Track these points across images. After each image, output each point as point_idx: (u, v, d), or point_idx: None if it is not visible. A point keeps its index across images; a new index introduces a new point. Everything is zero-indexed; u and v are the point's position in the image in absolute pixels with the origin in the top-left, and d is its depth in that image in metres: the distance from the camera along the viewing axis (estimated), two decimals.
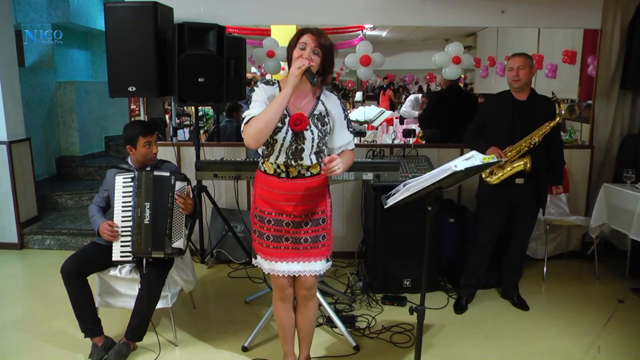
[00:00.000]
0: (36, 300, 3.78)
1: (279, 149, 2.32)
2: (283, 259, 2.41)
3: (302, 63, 2.22)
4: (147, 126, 3.02)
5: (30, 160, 5.09)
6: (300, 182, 2.38)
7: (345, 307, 3.55)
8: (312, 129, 2.33)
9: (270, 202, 2.40)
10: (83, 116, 6.49)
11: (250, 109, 2.31)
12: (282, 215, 2.39)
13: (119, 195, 2.91)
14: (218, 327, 3.33)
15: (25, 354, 3.04)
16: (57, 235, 4.89)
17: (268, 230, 2.41)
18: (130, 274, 2.97)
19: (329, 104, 2.42)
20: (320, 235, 2.45)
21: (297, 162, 2.35)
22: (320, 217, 2.45)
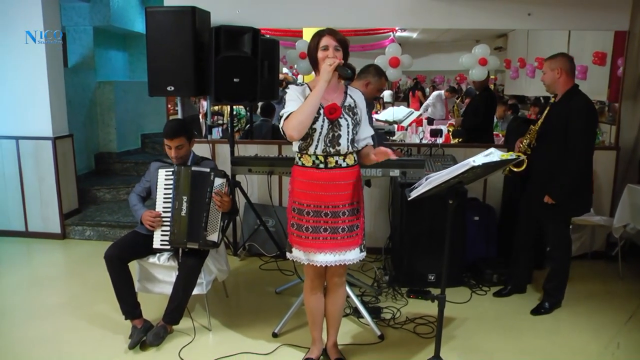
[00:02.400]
0: (79, 286, 4.05)
1: (317, 137, 2.51)
2: (320, 249, 2.58)
3: (332, 61, 2.44)
4: (171, 129, 3.15)
5: (73, 156, 5.39)
6: (337, 172, 2.56)
7: (372, 299, 3.70)
8: (345, 117, 2.54)
9: (309, 194, 2.57)
10: (121, 114, 6.81)
11: (287, 107, 2.51)
12: (321, 207, 2.57)
13: (161, 187, 3.13)
14: (249, 314, 3.53)
15: (72, 333, 3.31)
16: (96, 227, 5.18)
17: (307, 222, 2.59)
18: (168, 261, 3.19)
19: (356, 97, 2.64)
20: (355, 225, 2.62)
21: (335, 149, 2.53)
22: (356, 207, 2.62)
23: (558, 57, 3.41)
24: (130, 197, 3.34)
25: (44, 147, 5.06)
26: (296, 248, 2.65)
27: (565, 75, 3.37)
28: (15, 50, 4.94)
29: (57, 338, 3.26)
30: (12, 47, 4.95)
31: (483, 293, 3.89)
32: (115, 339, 3.19)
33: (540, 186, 3.43)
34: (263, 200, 4.68)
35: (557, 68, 3.38)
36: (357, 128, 2.60)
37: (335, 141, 2.53)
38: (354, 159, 2.62)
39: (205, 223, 3.04)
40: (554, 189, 3.34)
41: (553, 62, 3.40)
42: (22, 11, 4.87)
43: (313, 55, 2.55)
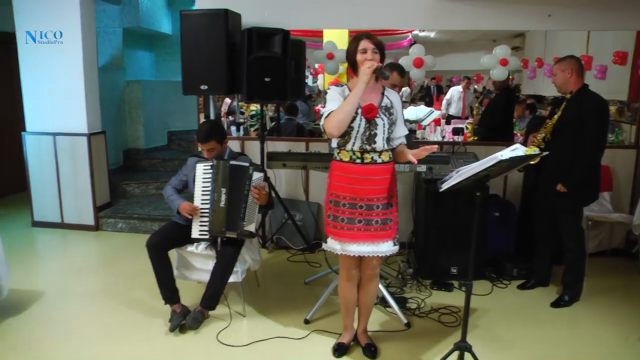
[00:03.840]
0: (115, 274, 4.25)
1: (354, 135, 2.66)
2: (355, 240, 2.72)
3: (371, 63, 2.58)
4: (202, 133, 3.32)
5: (105, 151, 5.59)
6: (373, 167, 2.70)
7: (397, 290, 3.84)
8: (381, 117, 2.67)
9: (346, 187, 2.71)
10: (148, 112, 7.02)
11: (327, 106, 2.67)
12: (356, 199, 2.70)
13: (199, 180, 3.29)
14: (280, 302, 3.68)
15: (113, 316, 3.50)
16: (128, 220, 5.37)
17: (342, 213, 2.73)
18: (205, 250, 3.36)
19: (392, 98, 2.78)
20: (389, 219, 2.76)
21: (371, 146, 2.67)
22: (389, 201, 2.76)
23: (567, 59, 3.58)
24: (166, 189, 3.50)
25: (79, 143, 5.27)
26: (332, 238, 2.78)
27: (575, 75, 3.53)
28: (53, 51, 5.15)
29: (100, 320, 3.46)
30: (50, 48, 5.15)
31: (504, 286, 3.99)
32: (155, 323, 3.37)
33: (553, 177, 3.56)
34: (291, 195, 4.85)
35: (567, 69, 3.54)
36: (392, 127, 2.73)
37: (371, 139, 2.67)
38: (389, 156, 2.76)
39: (243, 214, 3.20)
40: (568, 179, 3.50)
41: (563, 64, 3.56)
42: (61, 13, 5.07)
43: (352, 58, 2.68)
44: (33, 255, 4.82)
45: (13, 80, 6.34)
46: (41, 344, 3.15)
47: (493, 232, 4.28)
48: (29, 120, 5.40)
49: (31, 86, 5.31)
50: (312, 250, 4.70)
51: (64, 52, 5.13)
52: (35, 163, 5.40)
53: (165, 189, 3.50)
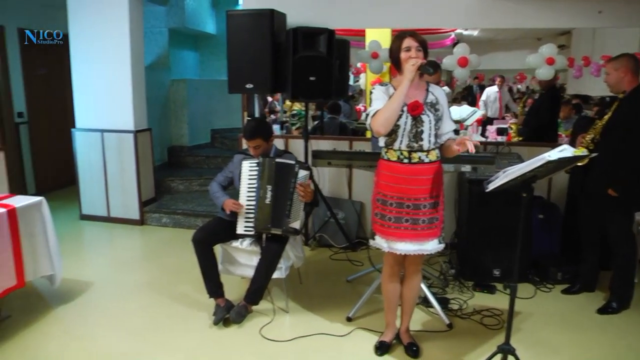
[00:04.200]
0: (160, 267, 4.37)
1: (401, 133, 2.67)
2: (402, 239, 2.74)
3: (415, 61, 2.59)
4: (249, 131, 3.39)
5: (151, 148, 5.76)
6: (420, 167, 2.70)
7: (439, 291, 3.82)
8: (427, 113, 2.68)
9: (393, 186, 2.73)
10: (192, 110, 7.17)
11: (373, 105, 2.69)
12: (403, 199, 2.72)
13: (245, 177, 3.36)
14: (323, 299, 3.72)
15: (158, 308, 3.61)
16: (172, 215, 5.51)
17: (390, 212, 2.75)
18: (250, 246, 3.42)
19: (437, 94, 2.77)
20: (435, 218, 2.76)
21: (418, 144, 2.68)
22: (436, 200, 2.76)
23: (622, 58, 3.46)
24: (212, 185, 3.58)
25: (125, 140, 5.44)
26: (379, 236, 2.81)
27: (630, 74, 3.41)
28: (103, 51, 5.33)
29: (145, 311, 3.57)
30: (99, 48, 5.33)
31: (547, 290, 3.92)
32: (199, 316, 3.45)
33: (602, 180, 3.47)
34: (334, 193, 4.89)
35: (621, 68, 3.43)
36: (439, 124, 2.73)
37: (418, 136, 2.67)
38: (436, 155, 2.76)
39: (288, 211, 3.25)
40: (618, 182, 3.40)
41: (617, 63, 3.45)
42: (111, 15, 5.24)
43: (396, 56, 2.70)
44: (81, 247, 5.02)
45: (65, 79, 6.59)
46: (91, 330, 3.29)
47: (537, 235, 4.21)
48: (78, 117, 5.60)
49: (81, 84, 5.51)
50: (354, 249, 4.72)
51: (112, 52, 5.31)
52: (84, 159, 5.60)
53: (211, 186, 3.58)
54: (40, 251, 3.45)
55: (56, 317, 3.46)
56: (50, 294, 3.75)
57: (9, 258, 3.20)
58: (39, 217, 3.45)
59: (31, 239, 3.38)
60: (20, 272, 3.28)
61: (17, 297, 3.59)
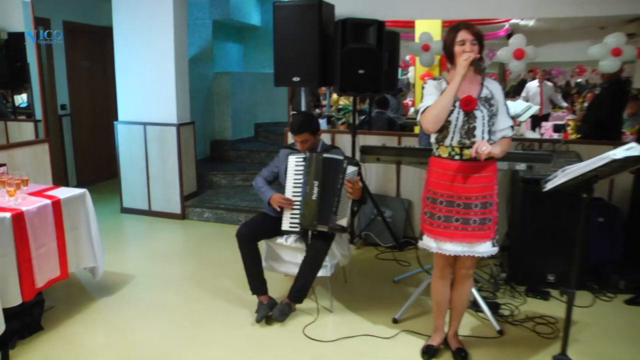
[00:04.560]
0: (201, 262, 4.48)
1: (452, 129, 2.66)
2: (451, 239, 2.74)
3: (468, 55, 2.57)
4: (296, 125, 3.43)
5: (193, 142, 5.89)
6: (472, 164, 2.69)
7: (489, 295, 3.78)
8: (481, 109, 2.66)
9: (443, 184, 2.73)
10: (236, 104, 7.30)
11: (424, 101, 2.69)
12: (454, 197, 2.71)
13: (291, 172, 3.41)
14: (368, 300, 3.74)
15: (200, 304, 3.71)
16: (214, 210, 5.64)
17: (439, 210, 2.75)
18: (295, 243, 3.48)
19: (493, 88, 2.74)
20: (487, 218, 2.74)
21: (471, 140, 2.66)
22: (489, 200, 2.74)
23: None
24: (257, 180, 3.64)
25: (168, 133, 5.59)
26: (427, 235, 2.81)
27: None
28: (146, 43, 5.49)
29: (187, 306, 3.67)
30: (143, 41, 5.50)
31: (607, 299, 3.81)
32: (241, 313, 3.53)
33: None
34: (381, 190, 4.90)
35: None
36: (493, 119, 2.70)
37: (470, 133, 2.66)
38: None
39: (335, 208, 3.28)
40: None
41: None
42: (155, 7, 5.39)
43: (450, 49, 2.68)
44: (122, 240, 5.20)
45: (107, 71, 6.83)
46: (132, 323, 3.42)
47: (596, 239, 4.09)
48: (121, 109, 5.79)
49: (124, 77, 5.69)
50: (401, 249, 4.72)
51: (156, 44, 5.46)
52: (126, 151, 5.78)
53: (256, 180, 3.64)
54: (83, 243, 3.58)
55: (98, 309, 3.61)
56: (93, 286, 3.92)
57: (54, 249, 3.32)
58: (82, 209, 3.57)
59: (74, 231, 3.51)
60: (64, 263, 3.41)
61: (60, 288, 3.77)
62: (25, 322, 3.20)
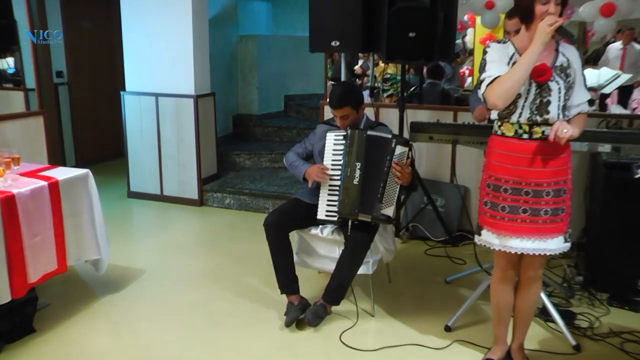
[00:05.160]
0: (222, 256, 4.55)
1: (522, 104, 2.61)
2: (518, 234, 2.70)
3: (553, 20, 2.48)
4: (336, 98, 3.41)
5: (214, 116, 5.97)
6: (544, 145, 2.63)
7: (562, 302, 3.73)
8: (556, 79, 2.60)
9: (509, 168, 2.69)
10: (263, 72, 7.32)
11: (488, 70, 2.62)
12: (522, 183, 2.67)
13: (329, 152, 3.42)
14: (416, 303, 3.75)
15: (219, 303, 3.76)
16: (237, 195, 5.71)
17: (504, 200, 2.71)
18: (332, 234, 3.49)
19: (569, 55, 2.67)
20: (560, 208, 2.69)
21: (543, 117, 2.61)
22: (562, 187, 2.69)
23: None
24: (288, 155, 3.67)
25: (184, 106, 5.65)
26: (488, 230, 2.77)
27: None
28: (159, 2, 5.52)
29: (204, 306, 3.72)
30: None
31: None
32: (268, 314, 3.57)
33: None
34: (432, 175, 4.88)
35: None
36: (569, 92, 2.65)
37: (543, 108, 2.61)
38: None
39: (381, 194, 3.26)
40: None
41: None
42: None
43: (529, 7, 2.59)
44: (130, 230, 5.32)
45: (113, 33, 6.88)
46: (141, 325, 3.47)
47: None
48: (129, 78, 5.87)
49: (133, 40, 5.75)
50: (455, 244, 4.71)
51: (171, 4, 5.49)
52: (135, 127, 5.87)
53: (287, 156, 3.66)
54: (85, 232, 3.61)
55: (102, 308, 3.67)
56: (95, 282, 3.99)
57: (50, 238, 3.34)
58: (84, 193, 3.59)
59: (75, 218, 3.54)
60: (62, 255, 3.44)
61: (57, 284, 3.85)
62: (14, 322, 3.21)
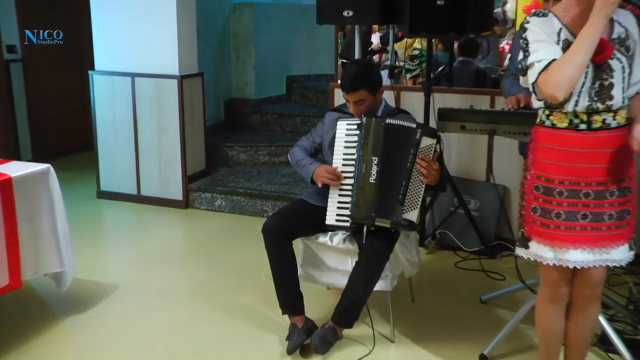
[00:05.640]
0: (210, 269, 4.54)
1: (579, 90, 2.56)
2: (577, 244, 2.64)
3: None
4: (349, 79, 3.37)
5: (202, 101, 5.96)
6: (605, 136, 2.59)
7: (627, 328, 3.67)
8: (617, 57, 2.55)
9: (563, 166, 2.63)
10: (261, 49, 7.31)
11: (534, 53, 2.57)
12: (579, 184, 2.62)
13: (340, 144, 3.39)
14: (444, 327, 3.73)
15: (208, 325, 3.74)
16: (230, 195, 5.70)
17: (558, 205, 2.66)
18: (344, 243, 3.46)
19: (627, 23, 2.62)
20: (626, 211, 2.66)
21: (605, 104, 2.58)
22: (627, 184, 2.65)
23: None
24: (293, 151, 3.66)
25: (166, 88, 5.65)
26: (538, 242, 2.72)
27: None
28: None
29: (190, 329, 3.71)
30: None
31: None
32: (267, 339, 3.55)
33: None
34: (464, 173, 4.87)
35: None
36: (631, 68, 2.60)
37: (605, 93, 2.56)
38: (624, 117, 2.62)
39: (402, 195, 3.23)
40: None
41: None
42: None
43: None
44: (100, 237, 5.33)
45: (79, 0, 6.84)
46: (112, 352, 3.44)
47: None
48: (99, 55, 5.86)
49: (104, 9, 5.74)
50: (491, 255, 4.69)
51: None
52: (106, 114, 5.86)
53: (292, 152, 3.65)
54: (45, 240, 3.57)
55: (64, 332, 3.63)
56: (57, 300, 3.98)
57: (0, 248, 3.30)
58: (43, 193, 3.56)
59: (32, 223, 3.50)
60: (16, 267, 3.39)
61: (9, 302, 3.84)
62: None
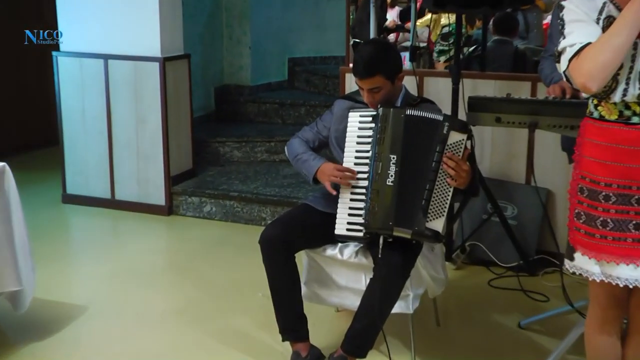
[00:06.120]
0: (198, 288, 4.58)
1: (625, 77, 2.58)
2: (628, 258, 2.66)
3: None
4: (363, 63, 3.34)
5: (189, 88, 5.98)
6: None
7: None
8: None
9: (612, 166, 2.65)
10: (258, 26, 7.33)
11: (570, 35, 2.59)
12: (631, 188, 2.63)
13: (352, 139, 3.41)
14: (475, 356, 3.75)
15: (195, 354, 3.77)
16: (221, 200, 5.74)
17: (604, 212, 2.67)
18: (356, 257, 3.47)
19: None
20: None
21: None
22: None
23: None
24: (293, 143, 3.65)
25: (146, 73, 5.69)
26: (583, 253, 2.76)
27: None
28: None
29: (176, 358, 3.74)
30: None
31: None
32: None
33: None
34: (499, 174, 4.88)
35: None
36: None
37: None
38: None
39: (426, 201, 3.23)
40: None
41: None
42: None
43: None
44: (67, 249, 5.38)
45: None
46: None
47: None
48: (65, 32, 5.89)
49: None
50: (532, 272, 4.70)
51: None
52: (74, 103, 5.91)
53: (291, 144, 3.65)
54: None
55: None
56: (13, 324, 3.99)
57: None
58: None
59: None
60: None
61: None
62: None
